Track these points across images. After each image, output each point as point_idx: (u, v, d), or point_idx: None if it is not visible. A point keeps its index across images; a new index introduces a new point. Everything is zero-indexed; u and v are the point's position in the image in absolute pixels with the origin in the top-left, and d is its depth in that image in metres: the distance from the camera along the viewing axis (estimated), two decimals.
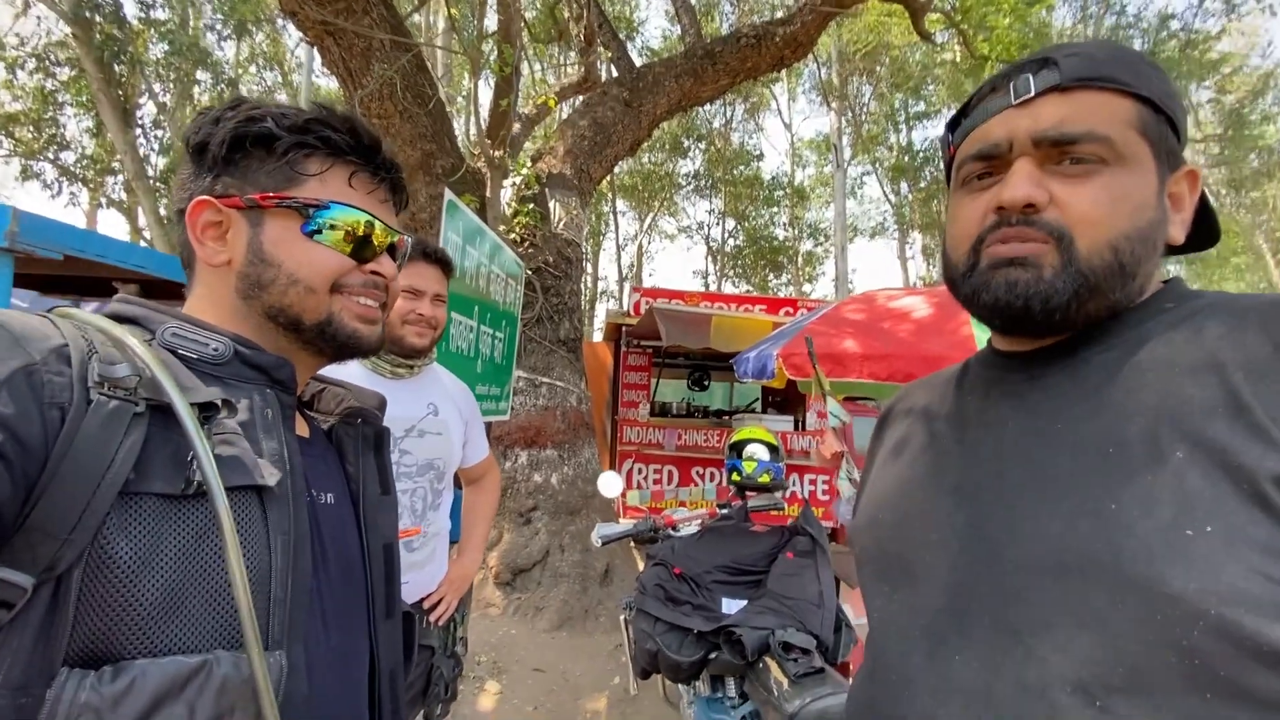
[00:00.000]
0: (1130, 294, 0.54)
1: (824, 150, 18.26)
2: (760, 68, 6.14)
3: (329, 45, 4.10)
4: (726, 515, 2.45)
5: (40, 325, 0.49)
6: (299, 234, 0.61)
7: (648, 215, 19.08)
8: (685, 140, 16.43)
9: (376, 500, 0.72)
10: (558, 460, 4.43)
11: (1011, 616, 0.48)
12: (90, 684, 0.43)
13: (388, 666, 0.70)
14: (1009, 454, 0.55)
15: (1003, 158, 0.56)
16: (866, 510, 0.69)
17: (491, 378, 3.14)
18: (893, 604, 0.60)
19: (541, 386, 4.52)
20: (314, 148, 0.61)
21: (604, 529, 2.47)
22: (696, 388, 7.18)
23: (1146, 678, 0.42)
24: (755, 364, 3.13)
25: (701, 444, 5.95)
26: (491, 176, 4.28)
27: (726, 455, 2.63)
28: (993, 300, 0.55)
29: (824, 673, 1.61)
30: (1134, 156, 0.53)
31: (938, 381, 0.71)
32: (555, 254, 4.76)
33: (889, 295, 3.23)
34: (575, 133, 5.27)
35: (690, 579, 2.03)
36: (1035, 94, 0.54)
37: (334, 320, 0.63)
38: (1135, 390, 0.49)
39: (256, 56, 14.54)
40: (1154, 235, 0.53)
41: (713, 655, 1.87)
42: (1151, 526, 0.43)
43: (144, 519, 0.47)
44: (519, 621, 3.90)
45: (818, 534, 2.17)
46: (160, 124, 12.50)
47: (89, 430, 0.45)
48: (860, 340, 2.76)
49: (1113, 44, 0.57)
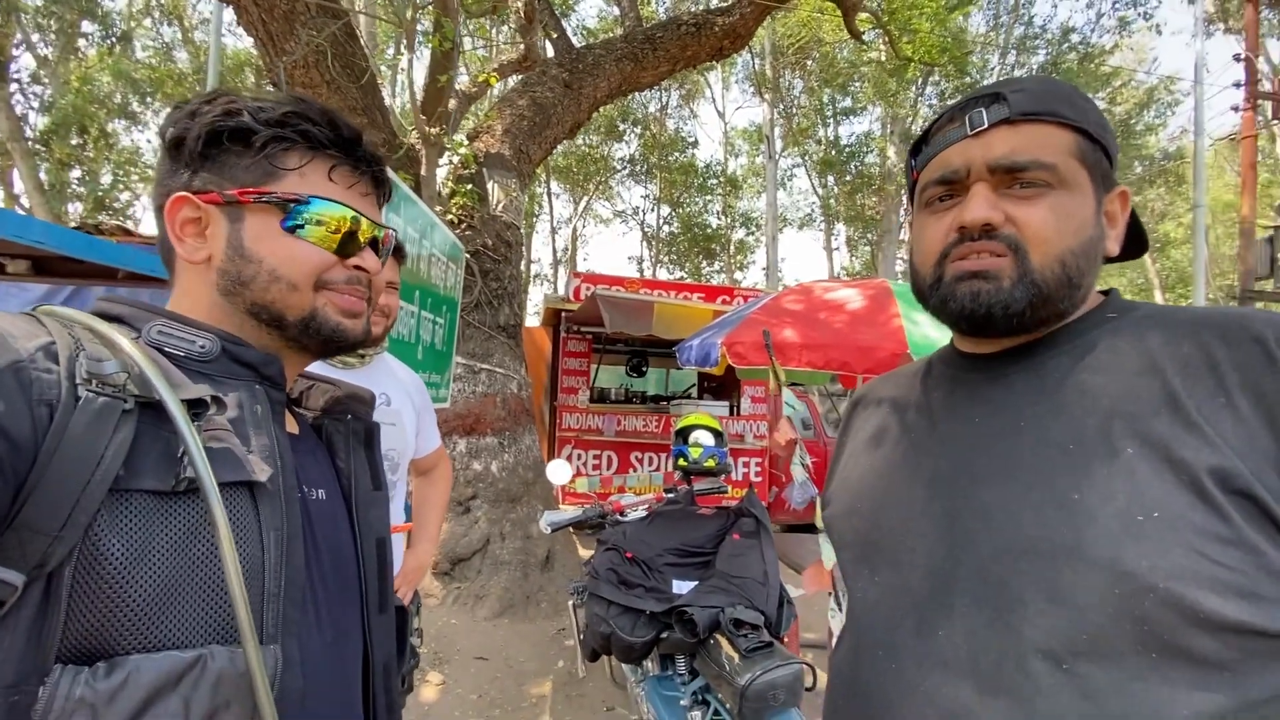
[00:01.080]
0: (1076, 301, 0.62)
1: (756, 140, 18.64)
2: (700, 56, 6.18)
3: (246, 4, 3.79)
4: (673, 500, 2.52)
5: (26, 323, 0.49)
6: (279, 230, 0.60)
7: (583, 199, 18.90)
8: (621, 124, 16.35)
9: (368, 495, 0.72)
10: (498, 448, 4.37)
11: (988, 595, 0.54)
12: (85, 680, 0.43)
13: (381, 660, 0.70)
14: (977, 447, 0.61)
15: (961, 182, 0.63)
16: (842, 499, 0.75)
17: (432, 365, 3.05)
18: (875, 586, 0.65)
19: (481, 373, 4.43)
20: (292, 141, 0.60)
21: (552, 515, 2.48)
22: (635, 374, 7.25)
23: (1106, 643, 0.48)
24: (699, 351, 3.20)
25: (640, 429, 6.04)
26: (427, 154, 4.12)
27: (673, 441, 2.69)
28: (959, 309, 0.62)
29: (772, 647, 1.70)
30: (1075, 181, 0.60)
31: (902, 377, 0.77)
32: (494, 237, 4.65)
33: (825, 287, 3.37)
34: (514, 112, 5.14)
35: (642, 562, 2.08)
36: (988, 126, 0.61)
37: (317, 315, 0.62)
38: (1089, 391, 0.56)
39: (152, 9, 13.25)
40: (1094, 250, 0.61)
41: (664, 635, 1.93)
42: (1109, 513, 0.49)
43: (134, 516, 0.47)
44: (459, 611, 3.85)
45: (761, 515, 2.26)
46: (40, 79, 11.21)
47: (78, 427, 0.45)
48: (800, 330, 2.87)
49: (1053, 80, 0.65)
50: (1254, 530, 0.46)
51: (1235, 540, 0.45)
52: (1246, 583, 0.45)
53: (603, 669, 3.02)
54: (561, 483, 2.61)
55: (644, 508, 2.52)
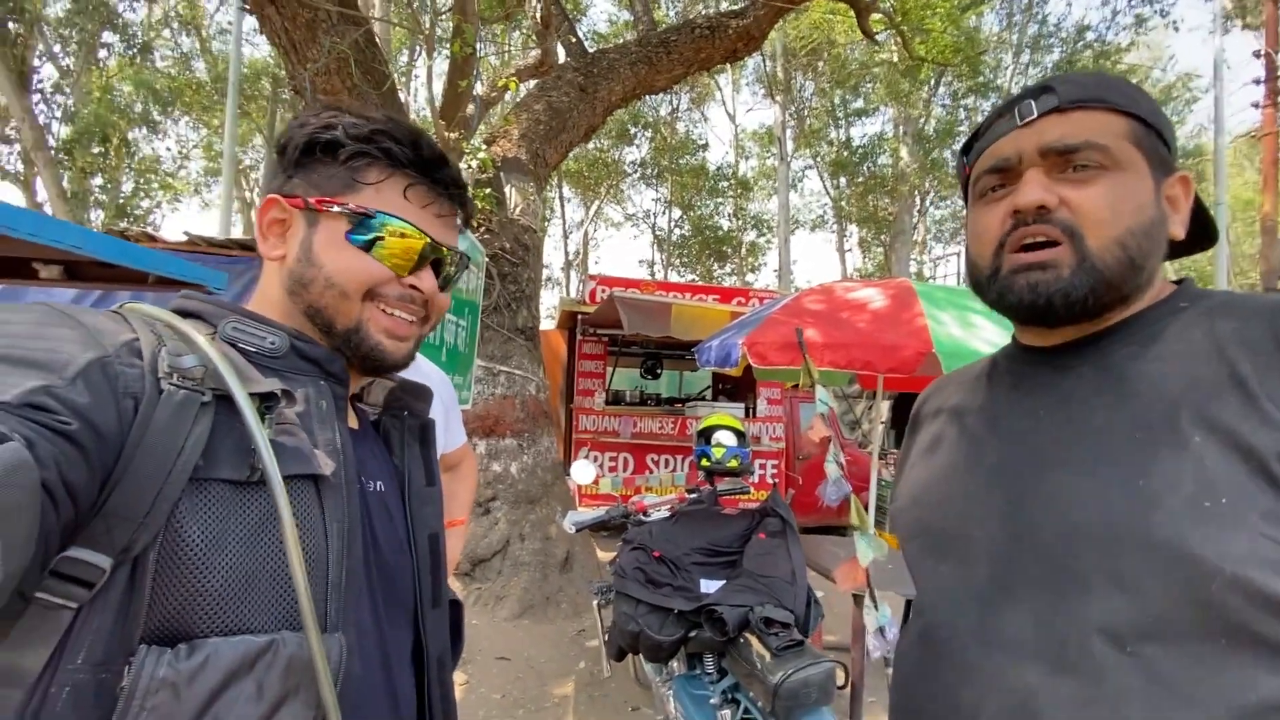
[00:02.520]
0: (1140, 286, 0.61)
1: (767, 142, 18.62)
2: (713, 58, 6.20)
3: (270, 14, 3.86)
4: (697, 499, 2.52)
5: (111, 320, 0.51)
6: (343, 239, 0.62)
7: (594, 202, 18.96)
8: (632, 128, 16.40)
9: (422, 491, 0.73)
10: (517, 449, 4.40)
11: (1051, 579, 0.55)
12: (168, 660, 0.44)
13: (435, 654, 0.70)
14: (1043, 438, 0.61)
15: (1013, 170, 0.63)
16: (908, 494, 0.75)
17: (455, 366, 3.08)
18: (939, 574, 0.65)
19: (500, 375, 4.46)
20: (375, 157, 0.62)
21: (575, 515, 2.49)
22: (649, 376, 7.25)
23: (1171, 626, 0.48)
24: (718, 352, 3.20)
25: (656, 431, 6.04)
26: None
27: (695, 442, 2.69)
28: (1017, 300, 0.62)
29: (803, 645, 1.70)
30: (1130, 163, 0.59)
31: (967, 377, 0.77)
32: (512, 240, 4.69)
33: (847, 287, 3.36)
34: (530, 116, 5.18)
35: (669, 561, 2.09)
36: (1037, 115, 0.61)
37: (361, 329, 0.63)
38: (1157, 381, 0.56)
39: (170, 20, 13.47)
40: (1155, 232, 0.60)
41: (692, 634, 1.94)
42: (1176, 499, 0.49)
43: (213, 504, 0.49)
44: (480, 611, 3.87)
45: (786, 515, 2.26)
46: (62, 89, 11.42)
47: (161, 419, 0.47)
48: (822, 330, 2.86)
49: (1103, 73, 0.65)
50: None
51: None
52: None
53: (626, 669, 3.02)
54: (585, 482, 2.62)
55: (667, 508, 2.53)
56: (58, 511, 0.41)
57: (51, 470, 0.40)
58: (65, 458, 0.41)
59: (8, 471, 0.36)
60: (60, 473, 0.40)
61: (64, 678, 0.43)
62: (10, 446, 0.37)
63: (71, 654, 0.43)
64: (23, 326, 0.46)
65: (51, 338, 0.46)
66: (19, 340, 0.45)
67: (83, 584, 0.43)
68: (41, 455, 0.39)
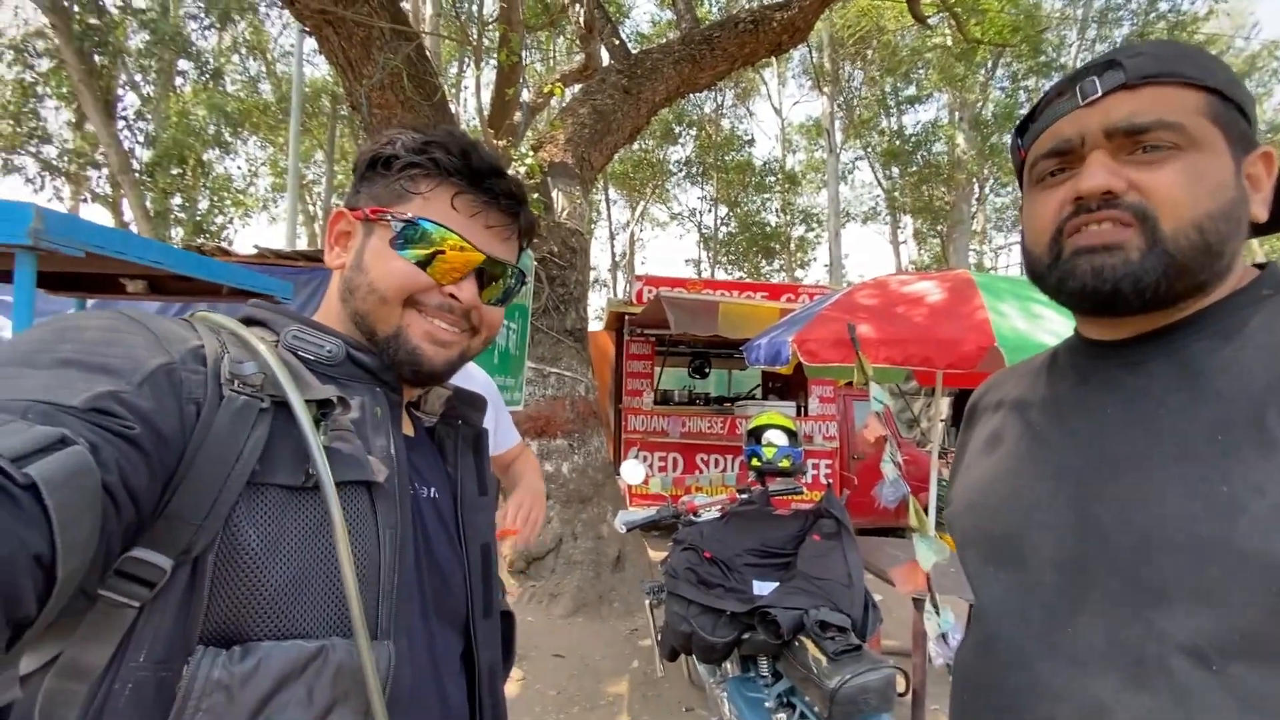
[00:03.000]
0: (1219, 272, 0.55)
1: (815, 135, 18.24)
2: (758, 53, 6.11)
3: (328, 35, 4.03)
4: (748, 500, 2.49)
5: (179, 327, 0.53)
6: (388, 246, 0.63)
7: (639, 203, 19.01)
8: (677, 127, 16.36)
9: (474, 500, 0.73)
10: (568, 449, 4.45)
11: (1125, 591, 0.51)
12: (222, 662, 0.45)
13: (487, 664, 0.70)
14: (1111, 439, 0.56)
15: (1075, 152, 0.58)
16: (965, 496, 0.71)
17: (506, 369, 3.15)
18: (1000, 582, 0.62)
19: (550, 376, 4.52)
20: (425, 168, 0.64)
21: (626, 515, 2.50)
22: (697, 375, 7.22)
23: (1261, 643, 0.44)
24: (768, 350, 3.16)
25: (705, 431, 6.01)
26: None
27: (745, 441, 2.67)
28: (1079, 286, 0.57)
29: (860, 650, 1.66)
30: (1206, 141, 0.54)
31: (1025, 371, 0.73)
32: (560, 244, 4.75)
33: (901, 280, 3.26)
34: (576, 120, 5.23)
35: (721, 562, 2.07)
36: (1102, 94, 0.56)
37: (400, 334, 0.63)
38: (1239, 377, 0.51)
39: (239, 45, 14.27)
40: (1236, 213, 0.55)
41: (745, 636, 1.92)
42: (1264, 505, 0.45)
43: (269, 508, 0.50)
44: (535, 608, 3.94)
45: (841, 516, 2.21)
46: (143, 116, 12.26)
47: (221, 424, 0.48)
48: (876, 325, 2.79)
49: (1174, 43, 0.59)
50: None
51: None
52: None
53: (680, 669, 3.02)
54: (635, 482, 2.63)
55: (717, 508, 2.51)
56: (120, 513, 0.42)
57: (114, 473, 0.41)
58: (128, 461, 0.42)
59: (70, 475, 0.37)
60: (123, 476, 0.41)
61: (126, 674, 0.44)
62: (73, 450, 0.38)
63: (134, 651, 0.44)
64: (96, 333, 0.48)
65: (122, 344, 0.47)
66: (91, 346, 0.46)
67: (145, 584, 0.44)
68: (104, 459, 0.40)
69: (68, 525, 0.37)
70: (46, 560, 0.36)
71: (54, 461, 0.37)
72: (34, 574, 0.36)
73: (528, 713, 2.86)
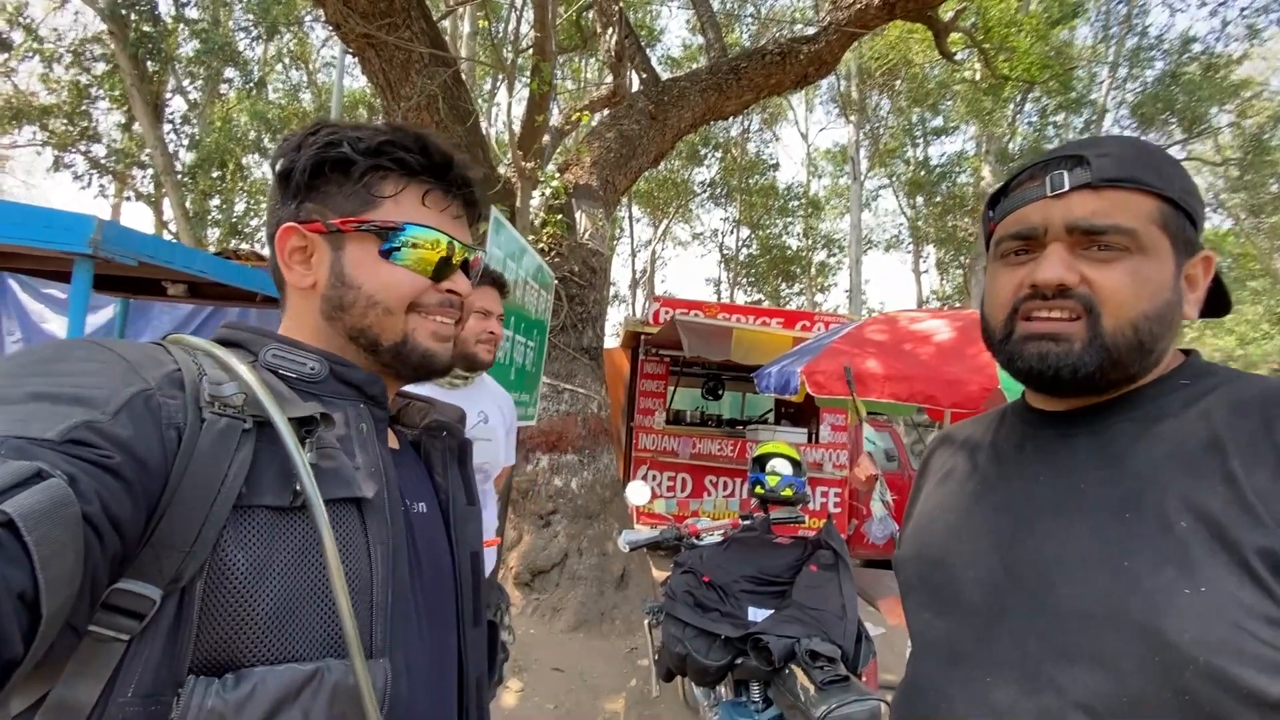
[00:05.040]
0: (1148, 366, 0.62)
1: (840, 161, 18.34)
2: (784, 84, 6.23)
3: (370, 56, 4.23)
4: (749, 526, 2.55)
5: (154, 352, 0.52)
6: (377, 256, 0.62)
7: (662, 221, 19.22)
8: (702, 149, 16.56)
9: (464, 510, 0.74)
10: (578, 465, 4.53)
11: (1037, 650, 0.57)
12: (215, 691, 0.44)
13: (475, 673, 0.71)
14: (1039, 506, 0.63)
15: (1038, 239, 0.64)
16: (912, 546, 0.78)
17: (522, 385, 3.24)
18: (933, 630, 0.68)
19: (564, 393, 4.62)
20: (388, 169, 0.62)
21: (630, 535, 2.57)
22: (711, 397, 7.27)
23: (1145, 708, 0.50)
24: (778, 379, 3.23)
25: (715, 453, 6.05)
26: (522, 187, 4.39)
27: (750, 468, 2.73)
28: (1026, 368, 0.64)
29: (849, 681, 1.70)
30: (1154, 247, 0.60)
31: (978, 426, 0.80)
32: (581, 264, 4.87)
33: (912, 317, 3.31)
34: (602, 144, 5.38)
35: (719, 587, 2.13)
36: (1069, 189, 0.62)
37: (409, 340, 0.63)
38: (1150, 461, 0.57)
39: (283, 56, 14.82)
40: (1170, 315, 0.61)
41: (738, 660, 1.97)
42: (1157, 584, 0.51)
43: (257, 530, 0.49)
44: (537, 621, 4.00)
45: (840, 548, 2.26)
46: (189, 120, 12.77)
47: (204, 448, 0.48)
48: (883, 361, 2.85)
49: (1139, 143, 0.65)
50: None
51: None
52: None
53: (675, 690, 3.05)
54: (640, 503, 2.69)
55: (720, 533, 2.57)
56: (104, 544, 0.41)
57: (94, 504, 0.40)
58: (109, 491, 0.41)
59: (49, 509, 0.36)
60: (104, 506, 0.40)
61: (115, 711, 0.43)
62: (51, 483, 0.37)
63: (122, 687, 0.43)
64: (68, 364, 0.47)
65: (95, 373, 0.46)
66: (64, 377, 0.45)
67: (134, 615, 0.43)
68: (84, 490, 0.39)
69: (49, 561, 0.36)
70: (30, 597, 0.35)
71: (30, 496, 0.36)
72: (18, 612, 0.35)
73: None
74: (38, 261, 2.75)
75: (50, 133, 11.97)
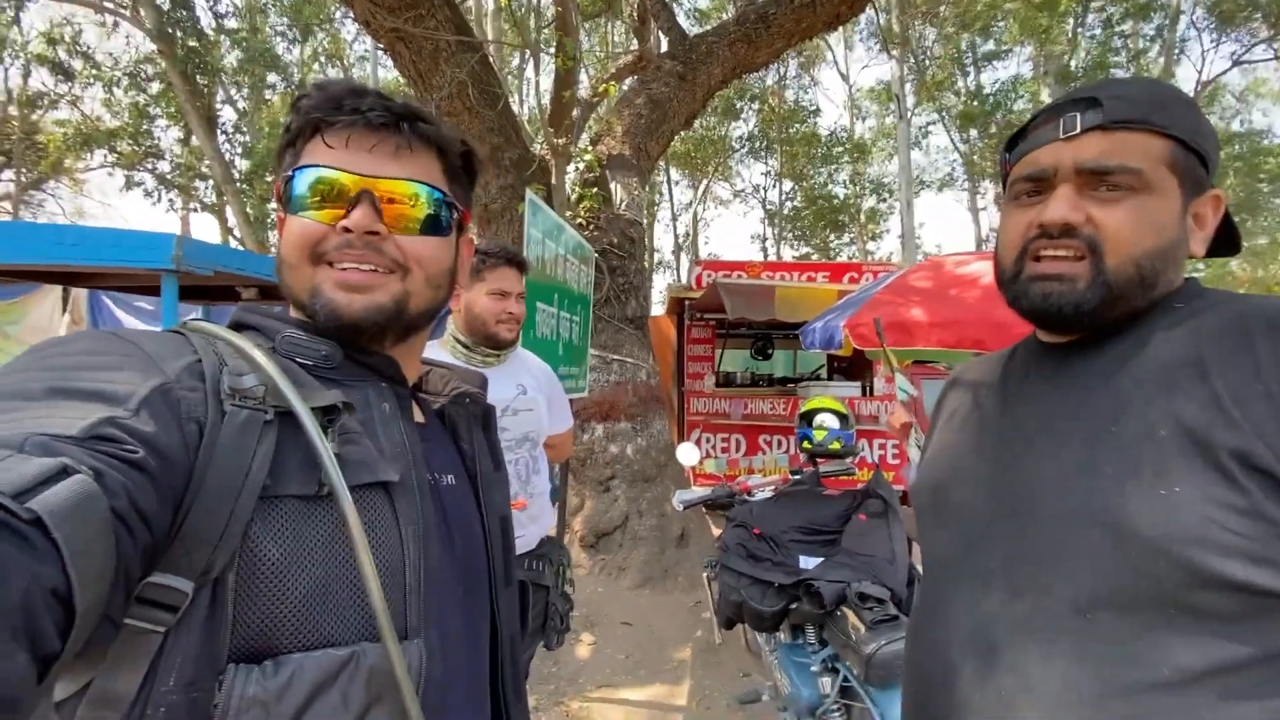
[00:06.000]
0: (1148, 300, 0.65)
1: (885, 100, 17.47)
2: (816, 27, 5.99)
3: (400, 50, 4.34)
4: (799, 480, 2.61)
5: (173, 343, 0.51)
6: (283, 214, 0.60)
7: (701, 182, 18.90)
8: (738, 102, 16.09)
9: (491, 476, 0.74)
10: (631, 432, 4.67)
11: (1026, 554, 0.63)
12: (255, 678, 0.45)
13: (508, 633, 0.72)
14: (1038, 423, 0.68)
15: (1048, 181, 0.67)
16: (924, 473, 0.85)
17: (570, 359, 3.37)
18: (938, 545, 0.76)
19: (613, 363, 4.74)
20: (297, 121, 0.59)
21: (683, 494, 2.68)
22: (760, 357, 7.26)
23: (1123, 597, 0.56)
24: (822, 335, 3.23)
25: (768, 412, 6.08)
26: (556, 164, 4.46)
27: (798, 424, 2.77)
28: (1030, 306, 0.69)
29: (898, 619, 1.77)
30: (1161, 186, 0.63)
31: (990, 362, 0.84)
32: (619, 234, 4.93)
33: (957, 261, 3.23)
34: (632, 111, 5.36)
35: (769, 538, 2.22)
36: (1080, 131, 0.65)
37: (316, 291, 0.58)
38: (1138, 377, 0.62)
39: (319, 55, 15.20)
40: (1174, 252, 0.65)
41: (793, 606, 2.06)
42: (1133, 486, 0.56)
43: (286, 520, 0.49)
44: (604, 580, 4.21)
45: (889, 497, 2.30)
46: (240, 129, 13.36)
47: (226, 441, 0.47)
48: (928, 308, 2.81)
49: (1156, 85, 0.67)
50: (1272, 504, 0.51)
51: (1250, 511, 0.51)
52: (1258, 549, 0.51)
53: (737, 638, 3.19)
54: (690, 464, 2.79)
55: (770, 488, 2.65)
56: (134, 538, 0.41)
57: (121, 499, 0.40)
58: (135, 486, 0.41)
59: (76, 504, 0.36)
60: (131, 501, 0.40)
61: (158, 699, 0.43)
62: (77, 479, 0.37)
63: (164, 676, 0.44)
64: (88, 358, 0.47)
65: (114, 367, 0.46)
66: (84, 372, 0.45)
67: (167, 608, 0.44)
68: (110, 485, 0.39)
69: (79, 556, 0.36)
70: (63, 593, 0.35)
71: (56, 493, 0.36)
72: (53, 608, 0.35)
73: (599, 673, 3.12)
74: (125, 279, 3.04)
75: (118, 154, 12.79)
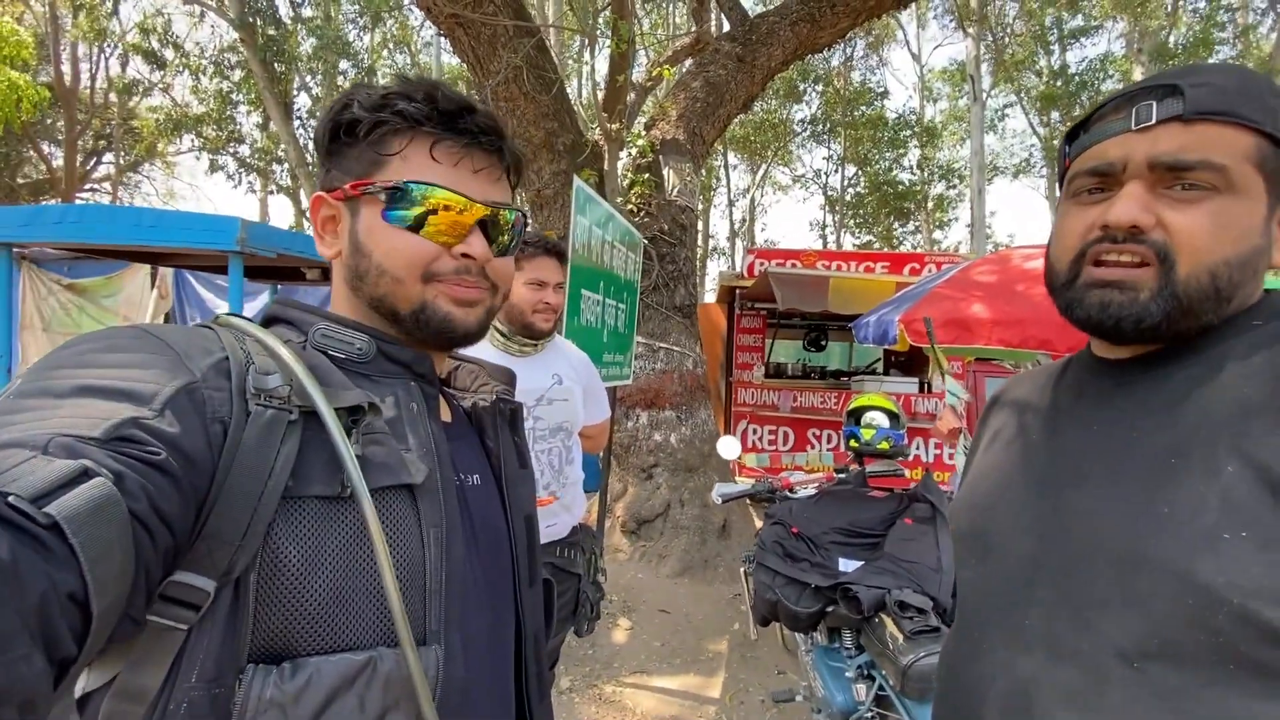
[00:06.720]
0: (1221, 315, 0.58)
1: (959, 81, 16.58)
2: (885, 4, 5.71)
3: (459, 35, 4.41)
4: (844, 480, 2.54)
5: (202, 340, 0.51)
6: (382, 220, 0.58)
7: (760, 167, 18.49)
8: (801, 84, 15.60)
9: (516, 475, 0.73)
10: (675, 421, 4.66)
11: (1070, 590, 0.58)
12: (274, 681, 0.46)
13: (532, 631, 0.71)
14: (1089, 453, 0.62)
15: (1115, 176, 0.59)
16: (964, 493, 0.79)
17: (615, 346, 3.37)
18: (977, 575, 0.70)
19: (659, 351, 4.72)
20: (392, 123, 0.58)
21: (723, 488, 2.65)
22: (813, 348, 7.07)
23: (1178, 649, 0.50)
24: (876, 329, 3.11)
25: (818, 406, 5.93)
26: (609, 150, 4.45)
27: (845, 422, 2.69)
28: (1085, 316, 0.61)
29: (939, 631, 1.70)
30: (1246, 187, 0.55)
31: (1040, 377, 0.77)
32: (670, 221, 4.88)
33: (1025, 255, 3.04)
34: (688, 95, 5.27)
35: (807, 539, 2.16)
36: (1156, 122, 0.57)
37: (427, 306, 0.60)
38: (1204, 405, 0.55)
39: (388, 41, 15.64)
40: (1255, 262, 0.57)
41: (829, 609, 2.01)
42: (1195, 528, 0.50)
43: (307, 522, 0.49)
44: (644, 566, 4.24)
45: (938, 501, 2.20)
46: (314, 114, 13.94)
47: (249, 441, 0.47)
48: (990, 305, 2.65)
49: (1244, 72, 0.59)
50: None
51: None
52: None
53: (774, 635, 3.15)
54: (731, 458, 2.75)
55: (813, 486, 2.58)
56: (154, 540, 0.41)
57: (142, 501, 0.40)
58: (156, 487, 0.41)
59: (94, 509, 0.36)
60: (152, 502, 0.40)
61: (181, 694, 0.44)
62: (96, 482, 0.37)
63: (186, 672, 0.44)
64: (115, 355, 0.46)
65: (141, 364, 0.46)
66: (111, 370, 0.45)
67: (190, 606, 0.44)
68: (130, 487, 0.39)
69: (97, 561, 0.36)
70: (80, 597, 0.36)
71: (76, 497, 0.36)
72: (69, 613, 0.35)
73: (634, 659, 3.15)
74: (197, 259, 3.22)
75: (204, 139, 13.57)
